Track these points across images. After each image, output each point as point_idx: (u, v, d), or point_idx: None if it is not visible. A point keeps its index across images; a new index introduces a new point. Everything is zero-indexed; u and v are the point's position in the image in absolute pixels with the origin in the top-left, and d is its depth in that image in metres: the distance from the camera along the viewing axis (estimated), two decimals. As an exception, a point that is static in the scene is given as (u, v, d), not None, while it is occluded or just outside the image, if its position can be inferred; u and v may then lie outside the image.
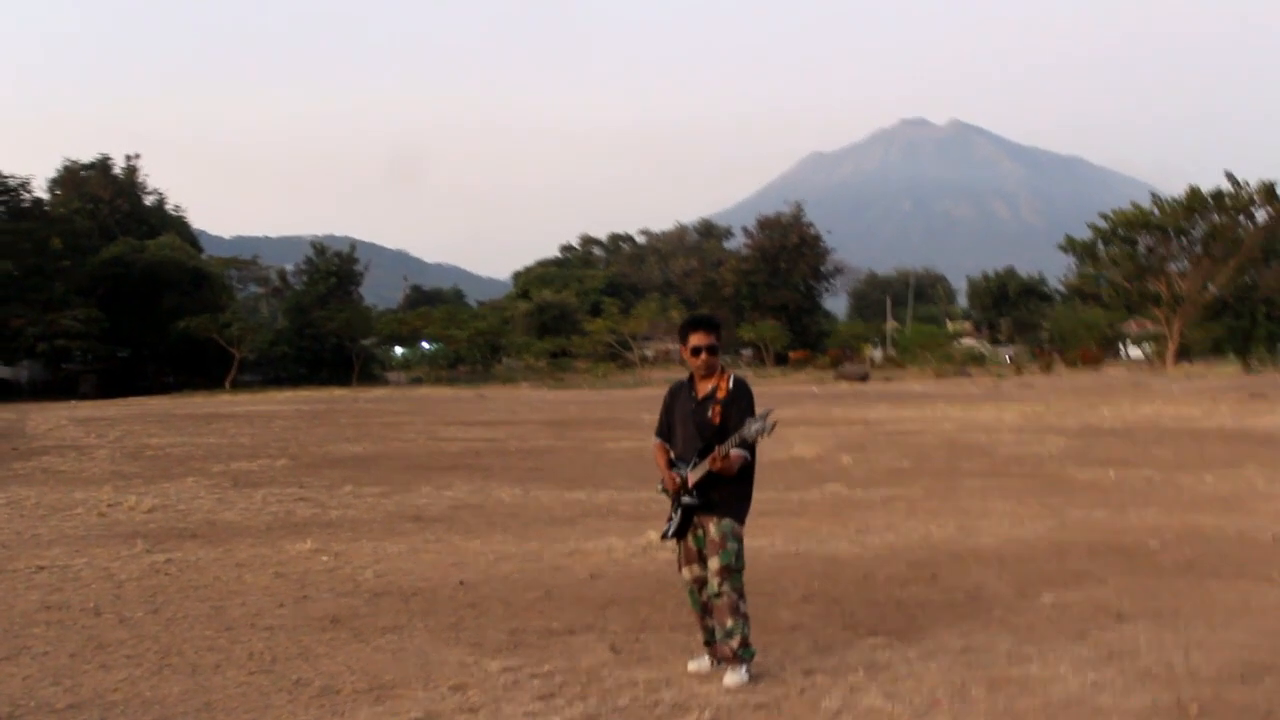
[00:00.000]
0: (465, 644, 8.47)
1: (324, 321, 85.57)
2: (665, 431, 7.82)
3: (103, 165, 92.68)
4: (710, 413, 7.43)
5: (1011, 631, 8.62)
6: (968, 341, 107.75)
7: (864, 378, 71.16)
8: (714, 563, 7.40)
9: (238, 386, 77.52)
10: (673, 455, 7.64)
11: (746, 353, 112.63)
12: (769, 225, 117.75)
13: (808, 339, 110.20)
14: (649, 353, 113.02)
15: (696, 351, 7.63)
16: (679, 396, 7.81)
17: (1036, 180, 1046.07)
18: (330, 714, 6.88)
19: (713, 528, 7.40)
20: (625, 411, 39.61)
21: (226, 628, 9.11)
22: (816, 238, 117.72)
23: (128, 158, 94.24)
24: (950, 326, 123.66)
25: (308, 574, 11.34)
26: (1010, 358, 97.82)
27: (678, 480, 7.48)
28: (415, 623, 9.18)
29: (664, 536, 7.67)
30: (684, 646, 8.05)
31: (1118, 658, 7.83)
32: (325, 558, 12.22)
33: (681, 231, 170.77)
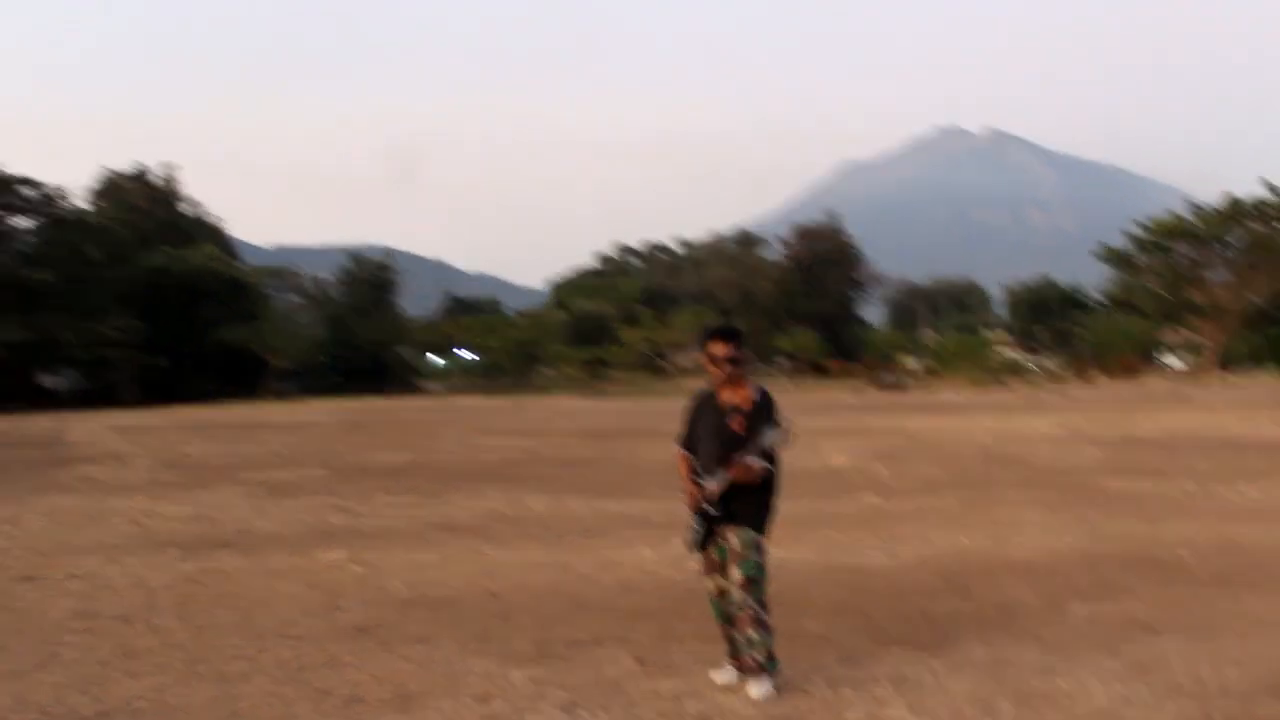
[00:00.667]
0: (492, 654, 8.48)
1: (361, 331, 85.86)
2: (688, 442, 7.80)
3: (142, 175, 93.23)
4: (733, 423, 7.40)
5: (1040, 644, 8.57)
6: (1005, 351, 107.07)
7: (900, 388, 70.88)
8: (736, 574, 7.38)
9: (275, 395, 77.83)
10: (696, 466, 7.62)
11: (783, 362, 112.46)
12: (805, 235, 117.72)
13: (844, 349, 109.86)
14: (686, 362, 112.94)
15: (717, 361, 7.62)
16: (702, 406, 7.80)
17: (1074, 189, 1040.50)
18: (356, 724, 6.90)
19: (734, 538, 7.38)
20: (661, 422, 39.49)
21: (255, 636, 9.15)
22: (852, 247, 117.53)
23: (166, 167, 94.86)
24: (988, 336, 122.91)
25: (338, 583, 11.38)
26: (1043, 367, 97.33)
27: (699, 491, 7.47)
28: (443, 633, 9.21)
29: (689, 547, 7.65)
30: (710, 658, 8.01)
31: (1147, 671, 7.78)
32: (356, 567, 12.27)
33: (718, 241, 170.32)
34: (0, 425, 47.10)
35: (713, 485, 7.36)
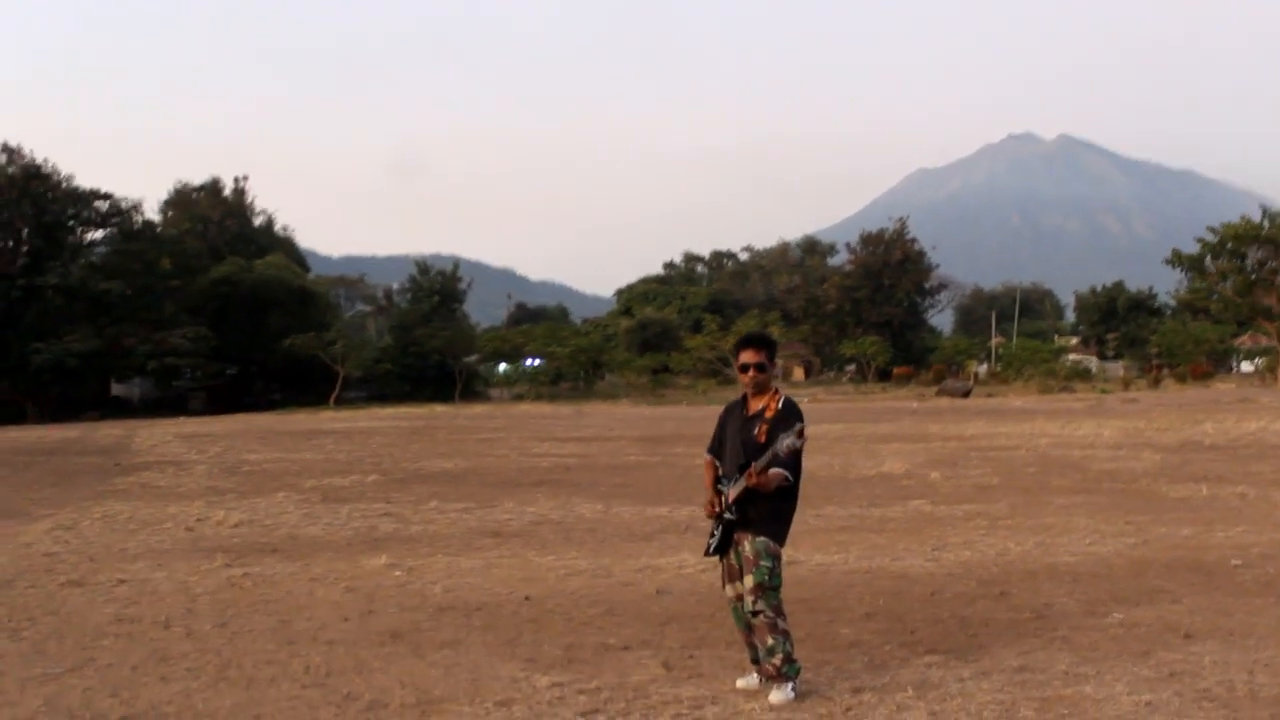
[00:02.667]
0: (520, 659, 8.50)
1: (427, 339, 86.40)
2: (716, 448, 7.81)
3: (213, 187, 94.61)
4: (756, 431, 7.38)
5: (1073, 650, 8.47)
6: (1074, 356, 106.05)
7: (966, 393, 70.33)
8: (748, 580, 7.36)
9: (342, 403, 78.46)
10: (720, 472, 7.62)
11: (850, 368, 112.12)
12: (872, 241, 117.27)
13: (912, 355, 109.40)
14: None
15: (745, 369, 7.63)
16: (731, 414, 7.81)
17: (1148, 194, 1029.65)
18: (374, 728, 6.94)
19: (748, 545, 7.36)
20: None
21: (288, 641, 9.22)
22: (920, 253, 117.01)
23: (237, 179, 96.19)
24: (1057, 342, 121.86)
25: (378, 589, 11.44)
26: (1109, 371, 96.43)
27: (718, 496, 7.47)
28: (474, 638, 9.24)
29: (706, 552, 7.65)
30: (737, 664, 7.98)
31: (1178, 678, 7.67)
32: (398, 573, 12.33)
33: (785, 248, 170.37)
34: (72, 433, 47.80)
35: (731, 491, 7.36)
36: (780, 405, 7.45)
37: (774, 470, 7.18)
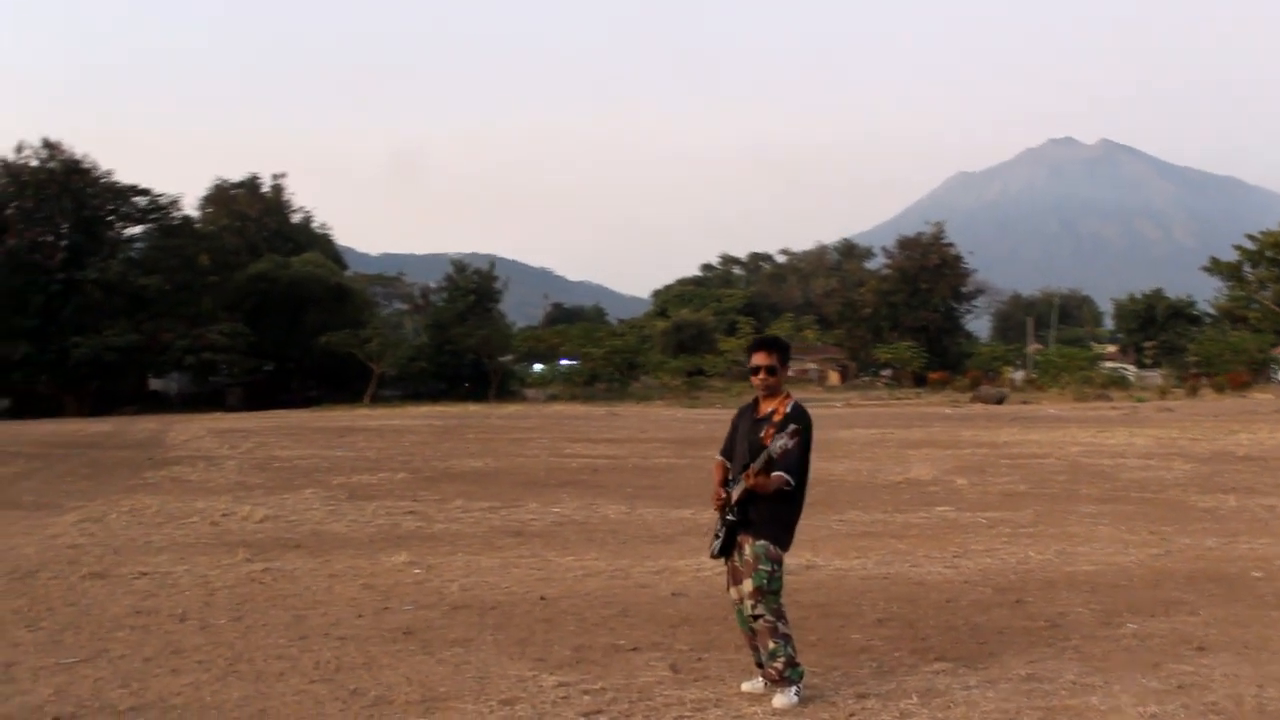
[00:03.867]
0: (529, 658, 8.53)
1: (463, 338, 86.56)
2: (728, 449, 7.82)
3: (251, 184, 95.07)
4: (763, 433, 7.38)
5: (1084, 660, 8.43)
6: (1111, 364, 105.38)
7: (1001, 400, 69.93)
8: (747, 585, 7.37)
9: (377, 401, 78.71)
10: (730, 474, 7.63)
11: (885, 373, 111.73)
12: (909, 245, 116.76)
13: (948, 360, 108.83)
14: (789, 371, 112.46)
15: (755, 371, 7.64)
16: (743, 416, 7.82)
17: (1189, 200, 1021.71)
18: (376, 724, 6.98)
19: (748, 548, 7.36)
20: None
21: (301, 636, 9.28)
22: (958, 258, 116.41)
23: (275, 177, 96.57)
24: (1094, 349, 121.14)
25: (395, 586, 11.50)
26: (1147, 379, 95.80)
27: (722, 498, 7.48)
28: (485, 636, 9.27)
29: (712, 554, 7.65)
30: (745, 667, 7.96)
31: (1186, 690, 7.62)
32: (417, 570, 12.38)
33: (822, 251, 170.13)
34: (108, 427, 48.19)
35: (734, 492, 7.37)
36: (788, 409, 7.45)
37: (775, 474, 7.18)
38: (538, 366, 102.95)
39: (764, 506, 7.32)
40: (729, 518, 7.44)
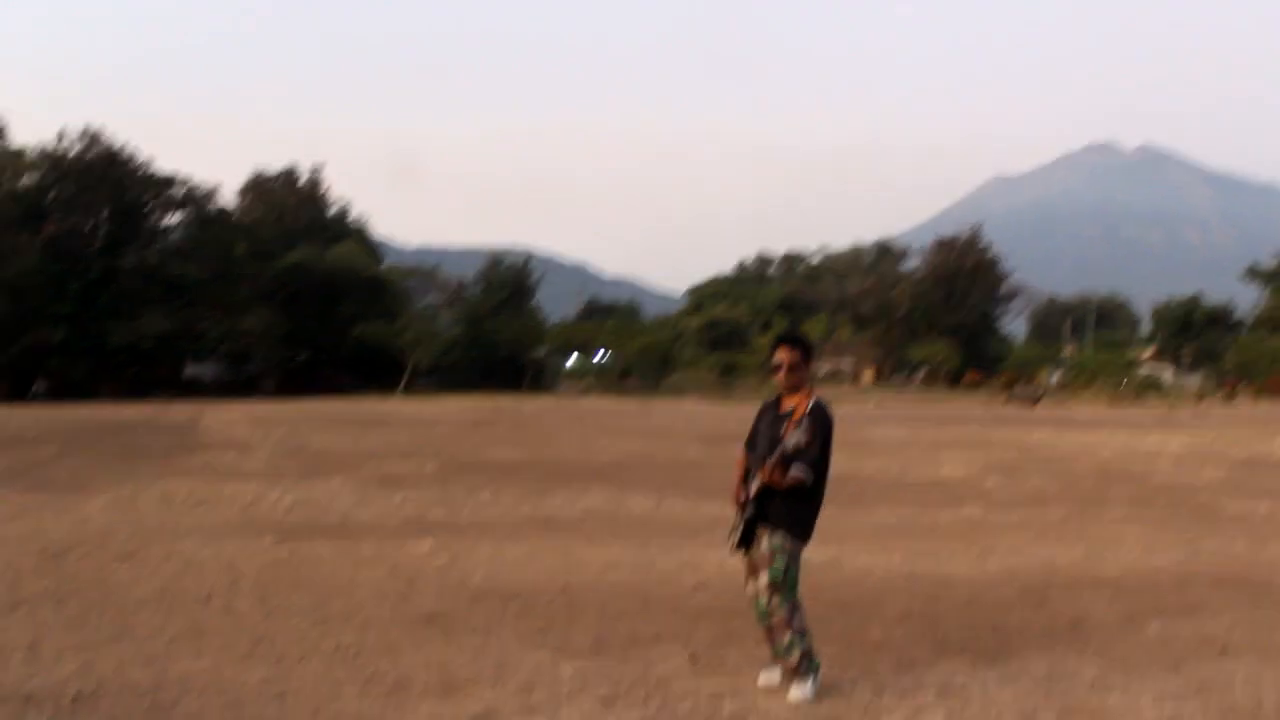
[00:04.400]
0: (548, 647, 8.56)
1: (497, 331, 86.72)
2: (750, 444, 7.81)
3: (289, 175, 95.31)
4: (783, 429, 7.38)
5: (1104, 660, 8.40)
6: (1147, 369, 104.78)
7: (1035, 402, 69.66)
8: (763, 578, 7.39)
9: (411, 392, 78.90)
10: (752, 469, 7.62)
11: (919, 374, 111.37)
12: (946, 247, 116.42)
13: (983, 361, 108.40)
14: (824, 370, 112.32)
15: (777, 367, 7.63)
16: (765, 412, 7.81)
17: (1231, 207, 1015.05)
18: (394, 708, 7.03)
19: (764, 542, 7.38)
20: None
21: (323, 621, 9.33)
22: (994, 260, 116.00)
23: (312, 168, 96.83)
24: (1130, 353, 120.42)
25: (420, 573, 11.54)
26: (1184, 384, 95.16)
27: (740, 495, 7.49)
28: (506, 624, 9.31)
29: (732, 548, 7.65)
30: (764, 659, 7.96)
31: (1206, 692, 7.60)
32: (442, 558, 12.43)
33: (858, 251, 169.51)
34: (143, 412, 48.42)
35: (751, 486, 7.38)
36: (809, 406, 7.45)
37: (793, 470, 7.18)
38: (571, 361, 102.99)
39: (782, 501, 7.32)
40: (748, 512, 7.44)
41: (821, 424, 7.38)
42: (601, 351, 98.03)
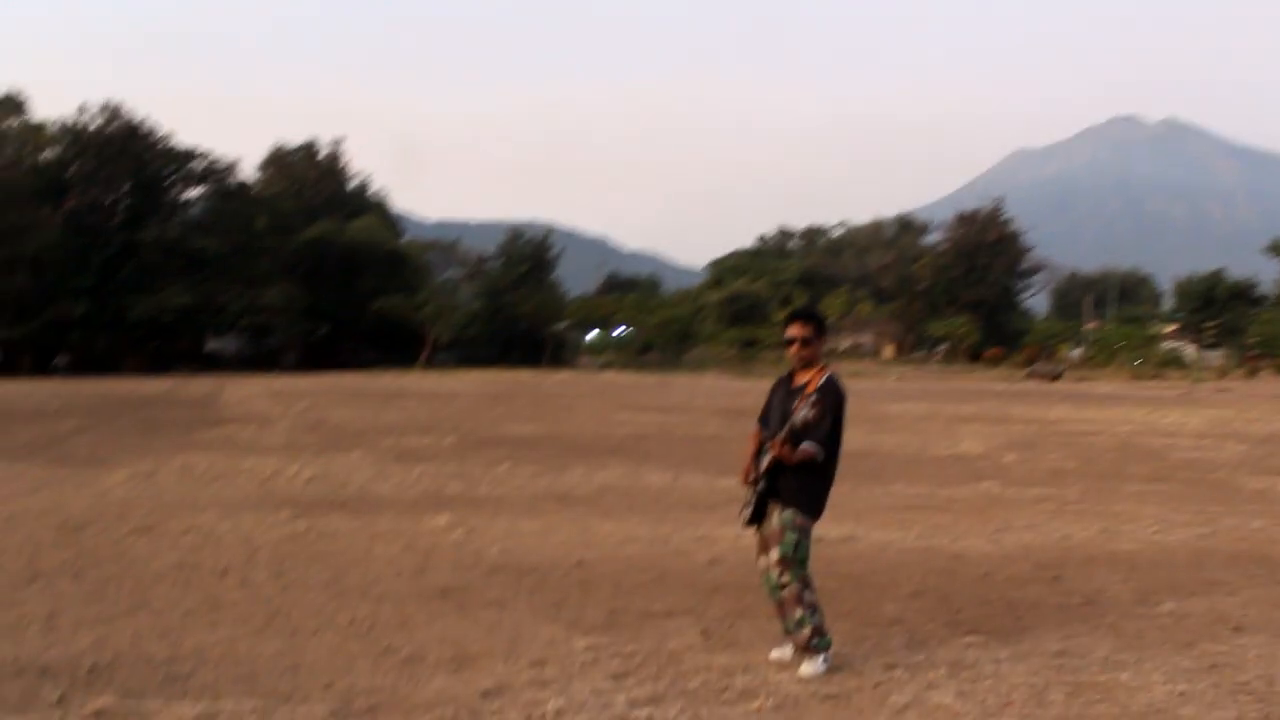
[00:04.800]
0: (562, 621, 8.58)
1: (517, 305, 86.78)
2: (764, 419, 7.81)
3: (309, 149, 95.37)
4: (795, 405, 7.38)
5: (1117, 637, 8.38)
6: (1169, 344, 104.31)
7: (1056, 377, 69.50)
8: (773, 553, 7.39)
9: (431, 366, 79.09)
10: (765, 444, 7.62)
11: (940, 349, 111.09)
12: (967, 221, 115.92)
13: (1004, 337, 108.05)
14: (844, 345, 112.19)
15: (789, 342, 7.63)
16: (779, 387, 7.81)
17: (1256, 180, 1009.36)
18: (406, 680, 7.06)
19: (775, 518, 7.38)
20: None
21: (338, 594, 9.37)
22: (1015, 234, 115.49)
23: (333, 142, 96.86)
24: (1152, 328, 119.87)
25: (436, 547, 11.58)
26: (1205, 360, 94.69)
27: (754, 465, 7.50)
28: (520, 598, 9.33)
29: (744, 523, 7.65)
30: (776, 635, 7.95)
31: (1218, 670, 7.57)
32: (458, 532, 12.47)
33: (879, 225, 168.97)
34: (164, 385, 48.71)
35: (763, 461, 7.39)
36: (821, 381, 7.45)
37: (804, 445, 7.19)
38: (591, 335, 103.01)
39: (793, 476, 7.32)
40: (759, 486, 7.45)
41: (833, 400, 7.37)
42: (621, 326, 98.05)
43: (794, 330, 7.62)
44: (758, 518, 7.51)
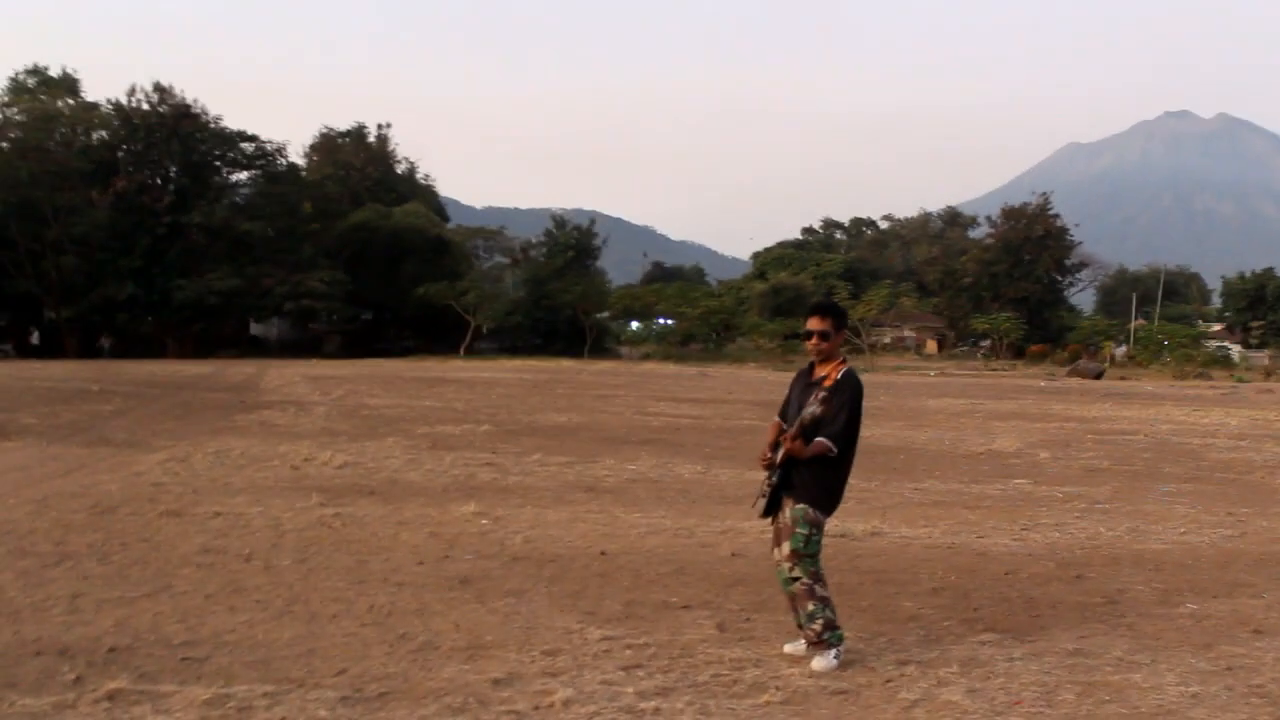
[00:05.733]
0: (579, 611, 8.62)
1: (560, 293, 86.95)
2: (784, 411, 7.83)
3: (358, 133, 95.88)
4: (813, 398, 7.40)
5: (1135, 637, 8.35)
6: (1215, 343, 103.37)
7: (1099, 375, 68.97)
8: (785, 547, 7.41)
9: (472, 353, 79.38)
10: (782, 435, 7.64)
11: (983, 345, 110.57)
12: (1013, 215, 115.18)
13: (1048, 333, 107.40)
14: (887, 339, 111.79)
15: (808, 335, 7.66)
16: (799, 380, 7.83)
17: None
18: (420, 668, 7.11)
19: (787, 511, 7.40)
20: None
21: (359, 581, 9.45)
22: (1063, 230, 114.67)
23: (380, 126, 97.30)
24: (1198, 327, 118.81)
25: (460, 535, 11.65)
26: (1253, 360, 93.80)
27: (768, 458, 7.51)
28: (540, 588, 9.38)
29: (760, 514, 7.67)
30: (791, 628, 7.96)
31: (1234, 672, 7.53)
32: (484, 521, 12.53)
33: (925, 219, 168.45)
34: (206, 369, 49.12)
35: (778, 454, 7.41)
36: (839, 375, 7.46)
37: (817, 440, 7.21)
38: (634, 324, 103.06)
39: (806, 470, 7.33)
40: (772, 479, 7.47)
41: (850, 394, 7.38)
42: (663, 318, 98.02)
43: (813, 324, 7.65)
44: (771, 510, 7.53)
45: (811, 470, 7.33)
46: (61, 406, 26.71)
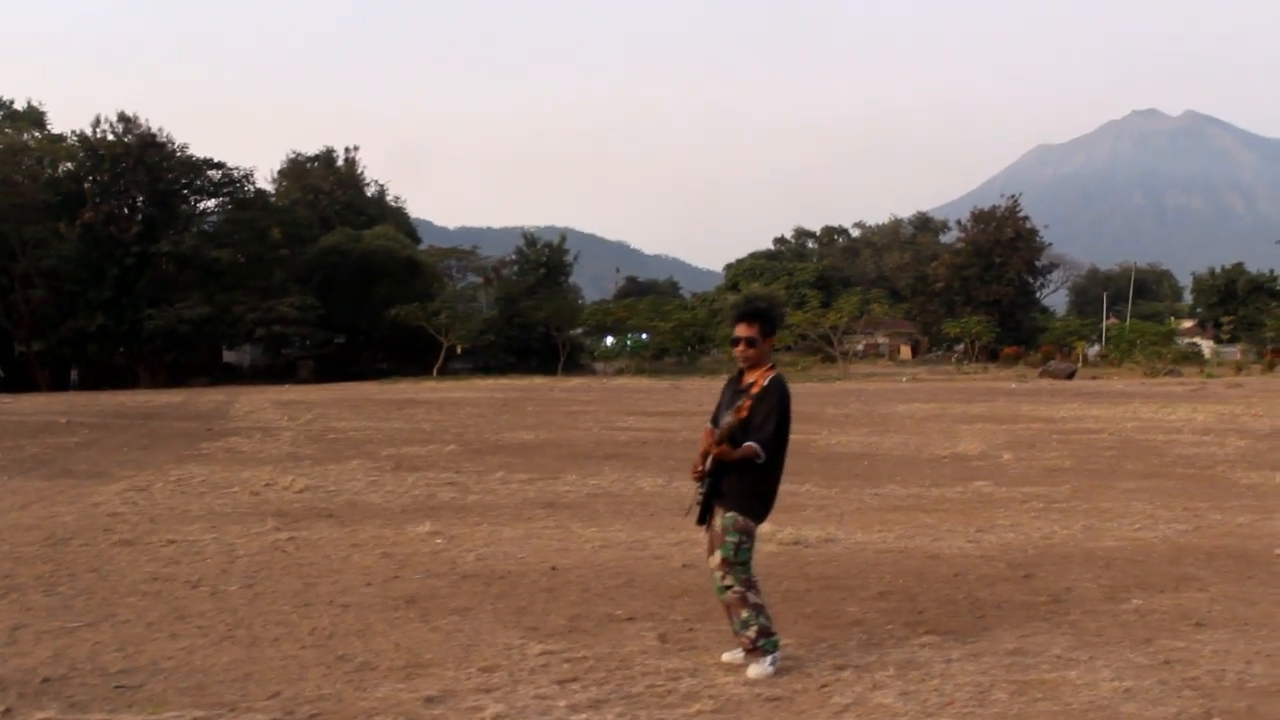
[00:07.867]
0: (522, 627, 8.63)
1: (532, 311, 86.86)
2: (715, 417, 7.85)
3: (326, 157, 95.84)
4: (740, 404, 7.43)
5: (1077, 635, 8.39)
6: (1187, 340, 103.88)
7: (1070, 375, 69.29)
8: (715, 556, 7.42)
9: (446, 374, 79.23)
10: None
11: (956, 349, 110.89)
12: (983, 219, 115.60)
13: (1021, 335, 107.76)
14: (860, 346, 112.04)
15: (735, 342, 7.69)
16: (729, 386, 7.87)
17: (1277, 173, 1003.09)
18: (354, 688, 7.11)
19: (718, 520, 7.42)
20: (809, 405, 39.24)
21: (305, 604, 9.44)
22: (1033, 231, 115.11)
23: (348, 150, 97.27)
24: (1170, 324, 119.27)
25: (413, 555, 11.65)
26: (1224, 355, 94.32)
27: (698, 469, 7.53)
28: (485, 605, 9.38)
29: (696, 522, 7.68)
30: (731, 637, 8.01)
31: (1170, 666, 7.57)
32: (439, 540, 12.52)
33: (896, 225, 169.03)
34: (175, 398, 48.92)
35: (707, 462, 7.43)
36: (766, 381, 7.49)
37: (745, 445, 7.23)
38: (609, 340, 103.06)
39: (735, 477, 7.36)
40: (703, 487, 7.49)
41: (777, 400, 7.41)
42: (637, 331, 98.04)
43: (740, 329, 7.68)
44: (705, 518, 7.55)
45: (741, 477, 7.35)
46: (27, 440, 26.56)
